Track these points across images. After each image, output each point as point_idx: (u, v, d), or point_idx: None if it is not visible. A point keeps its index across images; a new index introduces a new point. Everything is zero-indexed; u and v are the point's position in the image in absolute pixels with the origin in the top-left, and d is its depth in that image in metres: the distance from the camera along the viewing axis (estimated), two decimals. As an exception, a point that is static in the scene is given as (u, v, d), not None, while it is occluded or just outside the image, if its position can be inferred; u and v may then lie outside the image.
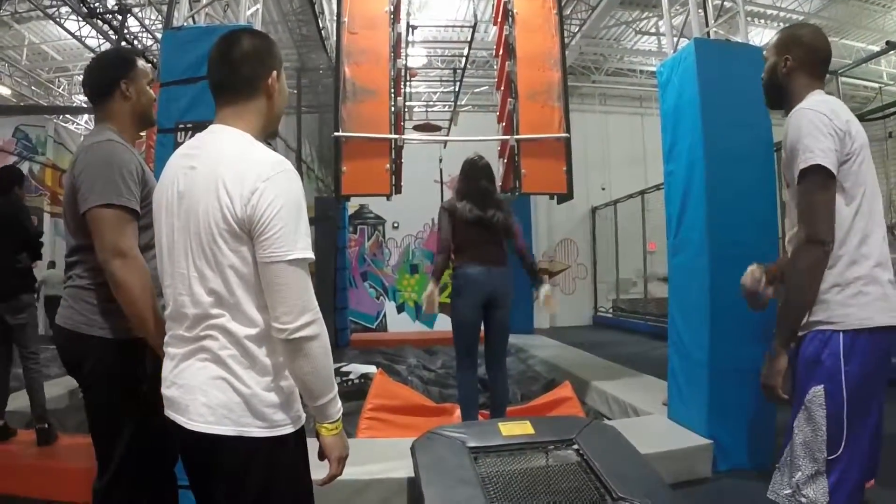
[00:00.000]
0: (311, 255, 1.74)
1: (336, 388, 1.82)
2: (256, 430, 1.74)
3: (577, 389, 6.32)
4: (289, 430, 1.80)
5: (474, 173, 4.99)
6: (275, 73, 1.94)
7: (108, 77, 2.65)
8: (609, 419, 5.50)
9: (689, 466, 4.35)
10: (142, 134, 3.09)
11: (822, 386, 2.19)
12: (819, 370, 2.20)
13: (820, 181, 2.17)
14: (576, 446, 3.80)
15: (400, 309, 15.82)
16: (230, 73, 1.90)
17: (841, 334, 2.17)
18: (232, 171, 1.73)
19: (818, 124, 2.20)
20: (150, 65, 2.83)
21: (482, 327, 4.97)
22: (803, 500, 2.18)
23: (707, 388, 4.50)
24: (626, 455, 3.73)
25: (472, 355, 4.94)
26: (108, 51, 3.88)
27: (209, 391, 1.75)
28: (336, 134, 6.07)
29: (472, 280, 4.80)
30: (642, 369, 7.34)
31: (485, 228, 4.88)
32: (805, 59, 2.43)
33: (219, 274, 1.75)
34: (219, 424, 1.73)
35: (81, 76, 11.39)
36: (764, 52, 2.56)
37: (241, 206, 1.69)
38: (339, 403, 1.84)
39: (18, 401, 5.45)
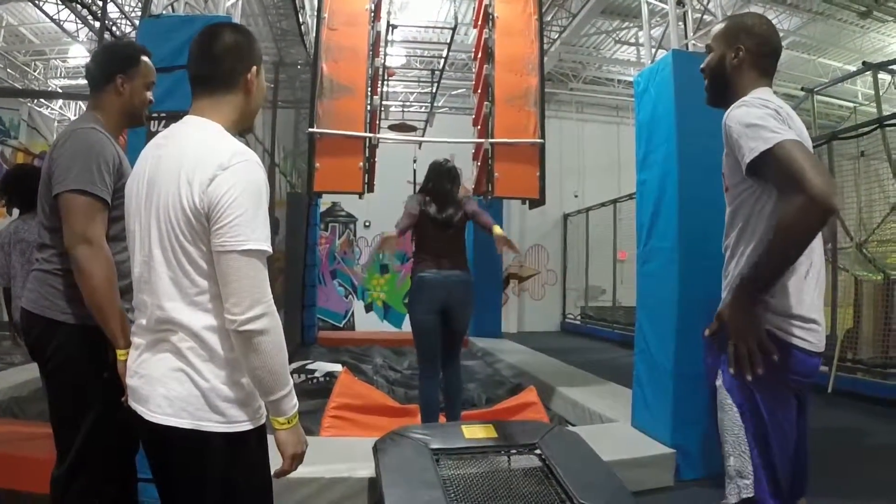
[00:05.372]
0: (266, 247, 1.71)
1: (291, 385, 1.77)
2: (213, 425, 1.72)
3: (543, 395, 6.32)
4: (247, 426, 1.78)
5: (438, 175, 5.05)
6: (254, 68, 1.93)
7: (106, 68, 2.65)
8: (573, 425, 5.52)
9: (652, 474, 4.37)
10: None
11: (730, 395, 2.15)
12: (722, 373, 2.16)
13: (800, 148, 1.89)
14: (538, 451, 3.81)
15: (368, 308, 15.77)
16: (211, 67, 1.90)
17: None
18: (193, 159, 1.72)
19: (771, 114, 1.99)
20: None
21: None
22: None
23: (672, 396, 4.53)
24: (588, 461, 3.75)
25: (433, 361, 4.90)
26: (118, 42, 3.85)
27: (168, 383, 1.73)
28: (310, 130, 6.04)
29: (427, 286, 4.80)
30: (608, 376, 7.35)
31: (442, 229, 4.91)
32: (756, 52, 2.24)
33: (177, 264, 1.73)
34: (176, 417, 1.71)
35: (59, 60, 11.19)
36: (708, 42, 2.36)
37: (199, 194, 1.67)
38: (294, 400, 1.80)
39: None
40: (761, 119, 1.97)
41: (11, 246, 4.38)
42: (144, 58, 2.71)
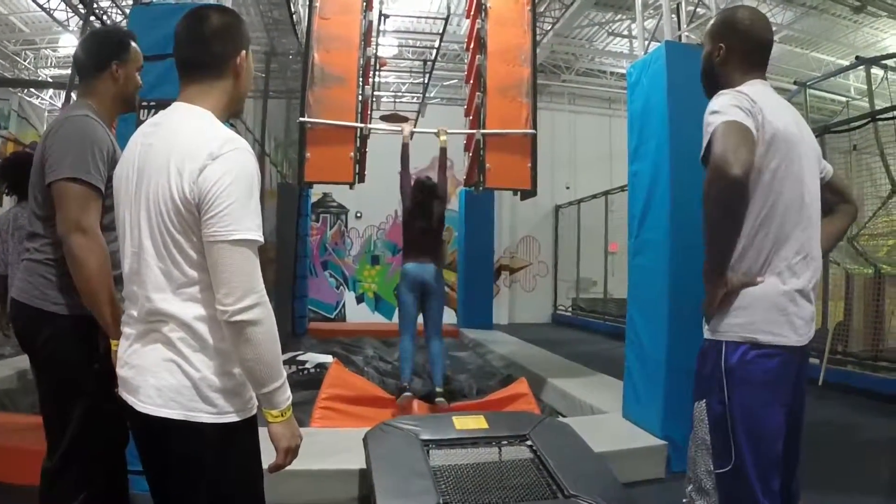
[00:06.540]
0: (257, 236, 1.68)
1: (284, 377, 1.75)
2: (204, 416, 1.70)
3: (534, 386, 6.32)
4: (238, 417, 1.76)
5: (423, 194, 6.21)
6: (244, 52, 1.90)
7: (101, 55, 2.63)
8: (564, 416, 5.52)
9: (643, 466, 4.38)
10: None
11: (704, 400, 2.17)
12: (704, 381, 2.19)
13: (731, 128, 2.01)
14: (529, 442, 3.81)
15: (359, 299, 15.74)
16: (199, 51, 1.86)
17: (724, 344, 2.15)
18: (184, 148, 1.69)
19: (737, 104, 2.06)
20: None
21: (421, 314, 6.27)
22: None
23: (663, 388, 4.53)
24: (579, 453, 3.75)
25: (409, 323, 6.24)
26: (107, 29, 3.82)
27: (159, 373, 1.71)
28: (301, 119, 6.00)
29: (409, 274, 6.10)
30: (599, 368, 7.38)
31: (424, 234, 6.16)
32: (740, 48, 2.27)
33: (168, 255, 1.70)
34: (167, 407, 1.69)
35: (50, 50, 11.06)
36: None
37: (189, 183, 1.64)
38: (288, 392, 1.77)
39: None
40: (724, 107, 2.07)
41: (9, 233, 4.34)
42: (133, 43, 2.70)
